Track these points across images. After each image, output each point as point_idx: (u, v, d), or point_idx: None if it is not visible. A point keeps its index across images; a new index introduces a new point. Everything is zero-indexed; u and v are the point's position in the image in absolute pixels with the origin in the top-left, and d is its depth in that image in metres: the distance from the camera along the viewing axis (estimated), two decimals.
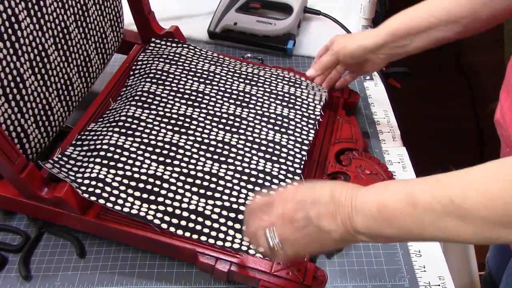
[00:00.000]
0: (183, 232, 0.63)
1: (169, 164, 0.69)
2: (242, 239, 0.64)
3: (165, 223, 0.64)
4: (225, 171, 0.70)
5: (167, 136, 0.73)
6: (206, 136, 0.74)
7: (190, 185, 0.68)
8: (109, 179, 0.65)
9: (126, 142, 0.70)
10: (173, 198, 0.66)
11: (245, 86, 0.83)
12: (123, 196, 0.65)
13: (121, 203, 0.64)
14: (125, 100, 0.78)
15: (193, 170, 0.70)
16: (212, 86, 0.82)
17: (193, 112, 0.77)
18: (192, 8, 1.10)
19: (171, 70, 0.83)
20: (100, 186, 0.64)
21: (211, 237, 0.63)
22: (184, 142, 0.73)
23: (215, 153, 0.72)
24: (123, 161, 0.68)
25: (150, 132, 0.72)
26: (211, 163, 0.71)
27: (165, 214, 0.64)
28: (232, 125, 0.77)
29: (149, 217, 0.63)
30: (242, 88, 0.82)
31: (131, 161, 0.68)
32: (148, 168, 0.68)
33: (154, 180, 0.67)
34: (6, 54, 0.61)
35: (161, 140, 0.72)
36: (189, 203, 0.66)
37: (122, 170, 0.67)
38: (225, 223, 0.65)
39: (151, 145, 0.71)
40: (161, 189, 0.66)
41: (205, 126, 0.75)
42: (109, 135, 0.71)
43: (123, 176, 0.66)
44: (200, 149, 0.72)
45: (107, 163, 0.67)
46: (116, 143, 0.69)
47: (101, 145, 0.69)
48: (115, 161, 0.67)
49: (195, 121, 0.76)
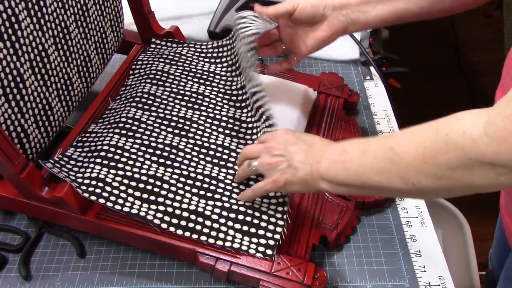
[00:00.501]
0: (183, 232, 0.63)
1: (169, 166, 0.70)
2: (242, 239, 0.64)
3: (165, 223, 0.64)
4: (225, 174, 0.71)
5: (167, 138, 0.73)
6: (206, 140, 0.74)
7: (190, 186, 0.68)
8: (109, 179, 0.66)
9: (126, 143, 0.70)
10: (173, 198, 0.66)
11: (243, 87, 0.82)
12: (123, 196, 0.65)
13: (121, 203, 0.64)
14: (125, 100, 0.78)
15: (193, 172, 0.70)
16: (212, 88, 0.82)
17: (193, 115, 0.77)
18: (192, 8, 1.10)
19: (171, 71, 0.83)
20: (100, 185, 0.64)
21: (211, 237, 0.63)
22: (184, 144, 0.73)
23: (214, 157, 0.73)
24: (124, 161, 0.68)
25: (150, 134, 0.73)
26: (211, 166, 0.71)
27: (165, 214, 0.64)
28: (231, 128, 0.77)
29: (149, 217, 0.63)
30: (240, 88, 0.82)
31: (131, 162, 0.68)
32: (148, 169, 0.68)
33: (154, 180, 0.67)
34: (6, 54, 0.61)
35: (161, 142, 0.72)
36: (189, 203, 0.66)
37: (122, 171, 0.67)
38: (225, 223, 0.65)
39: (152, 146, 0.71)
40: (161, 190, 0.66)
41: (205, 129, 0.76)
42: (110, 136, 0.71)
43: (123, 176, 0.66)
44: (200, 152, 0.73)
45: (107, 163, 0.67)
46: (117, 144, 0.69)
47: (101, 146, 0.69)
48: (115, 162, 0.67)
49: (195, 123, 0.76)
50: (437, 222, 0.77)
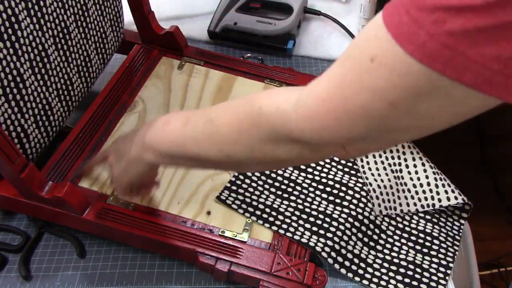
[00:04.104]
0: (346, 272, 0.65)
1: (338, 204, 0.71)
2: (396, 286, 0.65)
3: (331, 258, 0.65)
4: (387, 225, 0.71)
5: (338, 175, 0.75)
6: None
7: (357, 229, 0.69)
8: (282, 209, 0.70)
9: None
10: (341, 237, 0.67)
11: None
12: (295, 225, 0.68)
13: (292, 231, 0.67)
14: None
15: (361, 214, 0.70)
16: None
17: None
18: (192, 8, 1.10)
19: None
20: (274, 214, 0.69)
21: (369, 280, 0.65)
22: (353, 183, 0.74)
23: (383, 203, 0.73)
24: (296, 195, 0.72)
25: (321, 169, 0.75)
26: (375, 213, 0.72)
27: (332, 250, 0.66)
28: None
29: (318, 249, 0.65)
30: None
31: (303, 196, 0.72)
32: (319, 205, 0.71)
33: (324, 216, 0.69)
34: (6, 54, 0.61)
35: (332, 179, 0.74)
36: (354, 246, 0.67)
37: (294, 203, 0.71)
38: (387, 273, 0.66)
39: (322, 183, 0.73)
40: (330, 226, 0.68)
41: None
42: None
43: (295, 208, 0.70)
44: (367, 196, 0.73)
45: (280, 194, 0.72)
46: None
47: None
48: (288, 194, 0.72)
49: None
50: None
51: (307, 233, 0.67)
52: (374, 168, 0.74)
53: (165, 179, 0.71)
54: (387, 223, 0.71)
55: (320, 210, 0.70)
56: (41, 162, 0.70)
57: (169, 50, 0.91)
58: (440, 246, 0.69)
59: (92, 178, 0.70)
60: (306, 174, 0.75)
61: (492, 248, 1.55)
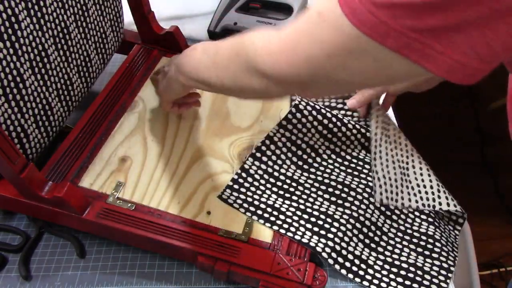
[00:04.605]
0: (346, 273, 0.65)
1: (340, 205, 0.71)
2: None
3: (331, 259, 0.65)
4: (389, 227, 0.72)
5: (340, 176, 0.75)
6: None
7: (358, 231, 0.69)
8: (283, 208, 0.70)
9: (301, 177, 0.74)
10: (342, 238, 0.67)
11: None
12: (296, 225, 0.68)
13: (293, 231, 0.67)
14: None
15: (362, 216, 0.70)
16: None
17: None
18: (192, 8, 1.10)
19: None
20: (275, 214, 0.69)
21: (370, 281, 0.65)
22: (356, 184, 0.74)
23: (385, 212, 0.73)
24: (298, 195, 0.72)
25: (324, 170, 0.76)
26: (378, 213, 0.71)
27: (333, 251, 0.66)
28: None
29: (318, 249, 0.65)
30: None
31: (304, 196, 0.72)
32: (320, 205, 0.71)
33: (325, 217, 0.69)
34: (6, 54, 0.61)
35: (334, 179, 0.74)
36: (355, 248, 0.67)
37: (296, 203, 0.71)
38: (387, 275, 0.66)
39: (324, 183, 0.74)
40: (332, 227, 0.68)
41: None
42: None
43: (296, 208, 0.70)
44: (370, 198, 0.72)
45: (282, 194, 0.72)
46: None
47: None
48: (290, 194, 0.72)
49: (360, 161, 0.77)
50: None
51: (308, 233, 0.67)
52: (384, 159, 0.73)
53: (165, 179, 0.71)
54: (388, 225, 0.71)
55: (322, 211, 0.69)
56: (41, 162, 0.70)
57: (169, 50, 0.91)
58: (441, 249, 0.69)
59: (92, 178, 0.70)
60: (309, 174, 0.75)
61: (492, 248, 1.55)
